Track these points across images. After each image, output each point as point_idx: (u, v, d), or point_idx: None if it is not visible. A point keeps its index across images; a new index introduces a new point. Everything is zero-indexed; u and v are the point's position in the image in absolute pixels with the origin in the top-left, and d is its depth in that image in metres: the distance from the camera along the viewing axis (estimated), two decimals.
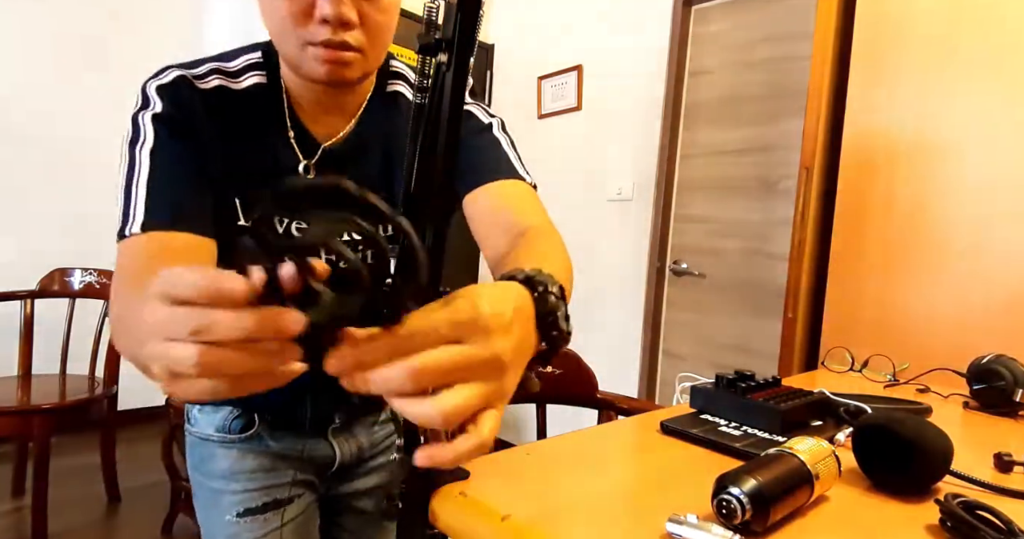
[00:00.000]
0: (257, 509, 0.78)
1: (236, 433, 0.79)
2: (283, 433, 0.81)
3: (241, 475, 0.78)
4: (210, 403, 0.78)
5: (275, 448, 0.80)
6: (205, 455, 0.80)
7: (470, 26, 0.44)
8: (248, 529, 0.78)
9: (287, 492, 0.81)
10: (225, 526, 0.78)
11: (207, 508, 0.80)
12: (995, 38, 1.21)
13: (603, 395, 1.27)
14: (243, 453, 0.79)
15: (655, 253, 2.40)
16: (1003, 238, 1.18)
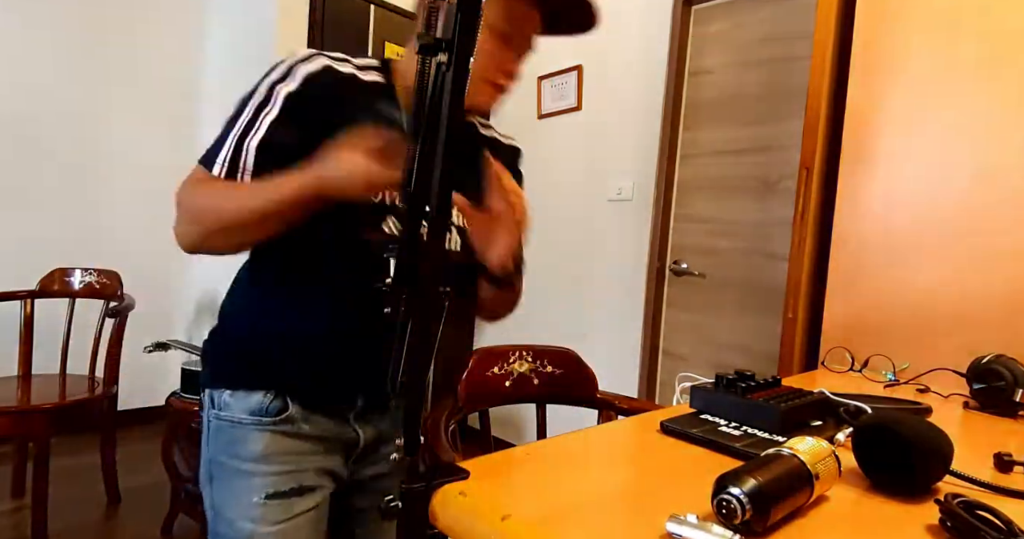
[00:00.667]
0: (284, 493, 0.82)
1: (272, 415, 0.81)
2: (315, 414, 0.84)
3: (275, 457, 0.81)
4: (243, 387, 0.82)
5: (307, 431, 0.83)
6: (236, 438, 0.82)
7: (470, 27, 0.44)
8: (272, 512, 0.80)
9: (312, 480, 0.84)
10: (250, 507, 0.80)
11: (231, 490, 0.82)
12: (995, 38, 1.21)
13: (603, 395, 1.27)
14: (276, 436, 0.82)
15: (655, 253, 2.40)
16: (1004, 238, 1.18)
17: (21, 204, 2.58)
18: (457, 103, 0.47)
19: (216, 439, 0.84)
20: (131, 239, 2.86)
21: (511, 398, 1.21)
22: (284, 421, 0.82)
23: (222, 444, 0.83)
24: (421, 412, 0.55)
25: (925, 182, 1.29)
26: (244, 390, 0.82)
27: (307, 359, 0.83)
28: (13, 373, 2.13)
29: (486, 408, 1.21)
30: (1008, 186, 1.18)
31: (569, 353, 1.29)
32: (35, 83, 2.58)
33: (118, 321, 2.12)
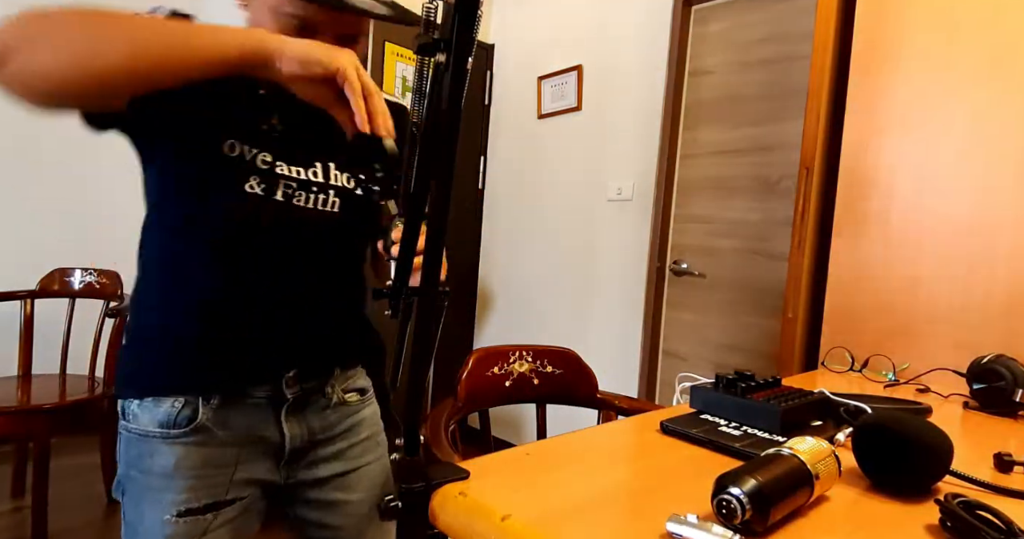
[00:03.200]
0: (197, 509, 0.76)
1: (182, 427, 0.75)
2: (232, 418, 0.77)
3: (185, 472, 0.75)
4: (150, 395, 0.75)
5: (222, 437, 0.77)
6: (144, 452, 0.76)
7: (468, 26, 0.44)
8: (185, 529, 0.75)
9: (231, 493, 0.78)
10: (162, 525, 0.74)
11: (143, 506, 0.76)
12: (995, 38, 1.21)
13: (603, 395, 1.27)
14: (187, 448, 0.75)
15: (655, 253, 2.40)
16: (1004, 238, 1.18)
17: (21, 204, 2.58)
18: (457, 104, 0.47)
19: (127, 452, 0.77)
20: (131, 239, 2.84)
21: (511, 398, 1.21)
22: (195, 431, 0.75)
23: (132, 457, 0.77)
24: (420, 412, 0.55)
25: (925, 181, 1.29)
26: (152, 398, 0.75)
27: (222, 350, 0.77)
28: (13, 373, 2.13)
29: (486, 408, 1.21)
30: (1009, 186, 1.18)
31: (569, 353, 1.29)
32: None
33: (118, 321, 2.12)
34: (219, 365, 0.77)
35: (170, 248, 0.78)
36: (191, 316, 0.76)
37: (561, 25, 2.79)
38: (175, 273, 0.77)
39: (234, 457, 0.78)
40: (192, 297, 0.76)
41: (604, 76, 2.59)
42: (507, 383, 1.21)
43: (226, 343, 0.77)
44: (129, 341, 0.81)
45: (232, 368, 0.77)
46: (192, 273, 0.76)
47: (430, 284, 0.53)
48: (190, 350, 0.76)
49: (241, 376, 0.78)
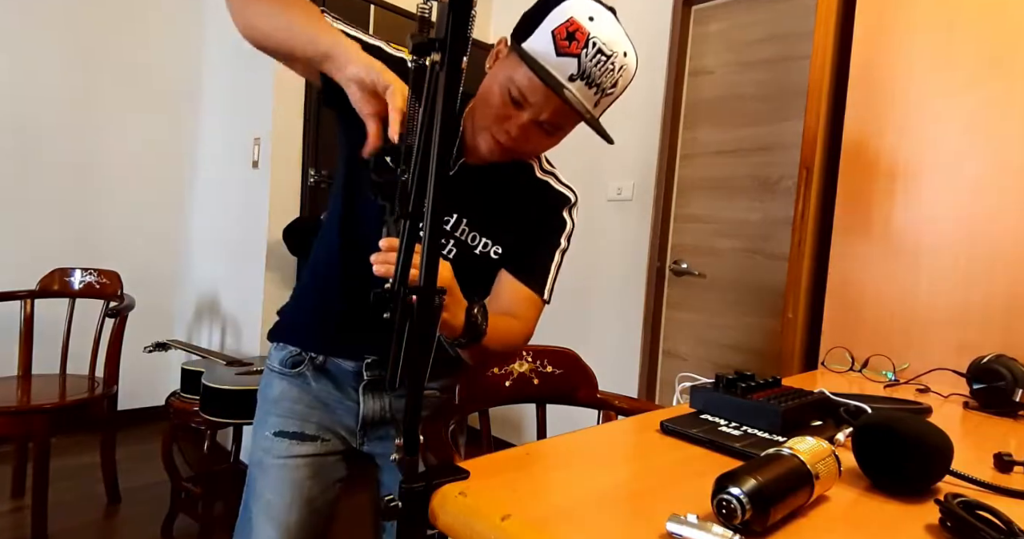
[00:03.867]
0: (287, 434, 0.96)
1: (289, 368, 0.98)
2: (325, 374, 0.97)
3: (283, 401, 0.97)
4: (281, 341, 1.00)
5: (314, 389, 0.97)
6: (267, 382, 1.00)
7: (462, 25, 0.44)
8: (277, 447, 0.95)
9: (312, 430, 0.97)
10: (264, 439, 0.97)
11: (258, 426, 0.99)
12: (995, 38, 1.21)
13: (603, 395, 1.27)
14: (290, 385, 0.98)
15: (655, 253, 2.40)
16: (1004, 238, 1.18)
17: (21, 204, 2.58)
18: (451, 103, 0.47)
19: (262, 380, 1.03)
20: (131, 239, 2.86)
21: (511, 398, 1.21)
22: (297, 375, 0.97)
23: (262, 385, 1.02)
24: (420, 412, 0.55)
25: (925, 181, 1.29)
26: (281, 344, 1.00)
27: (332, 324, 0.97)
28: (13, 373, 2.13)
29: (486, 408, 1.21)
30: (1009, 185, 1.18)
31: (569, 353, 1.29)
32: (35, 83, 2.58)
33: (118, 321, 2.12)
34: (323, 336, 0.97)
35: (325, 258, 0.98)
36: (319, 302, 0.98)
37: None
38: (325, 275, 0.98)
39: (319, 403, 0.98)
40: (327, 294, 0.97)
41: None
42: (507, 383, 1.21)
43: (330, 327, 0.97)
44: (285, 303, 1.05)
45: (330, 343, 0.97)
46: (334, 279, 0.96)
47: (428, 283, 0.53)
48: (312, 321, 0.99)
49: (334, 350, 0.96)
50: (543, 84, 0.79)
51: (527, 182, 1.01)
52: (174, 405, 2.02)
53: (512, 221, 0.96)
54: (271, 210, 2.45)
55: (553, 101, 0.82)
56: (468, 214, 0.93)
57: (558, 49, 0.79)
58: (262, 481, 0.95)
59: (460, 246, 0.94)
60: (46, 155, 2.63)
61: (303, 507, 0.94)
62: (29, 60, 2.56)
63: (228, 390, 1.85)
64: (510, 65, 0.83)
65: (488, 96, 0.85)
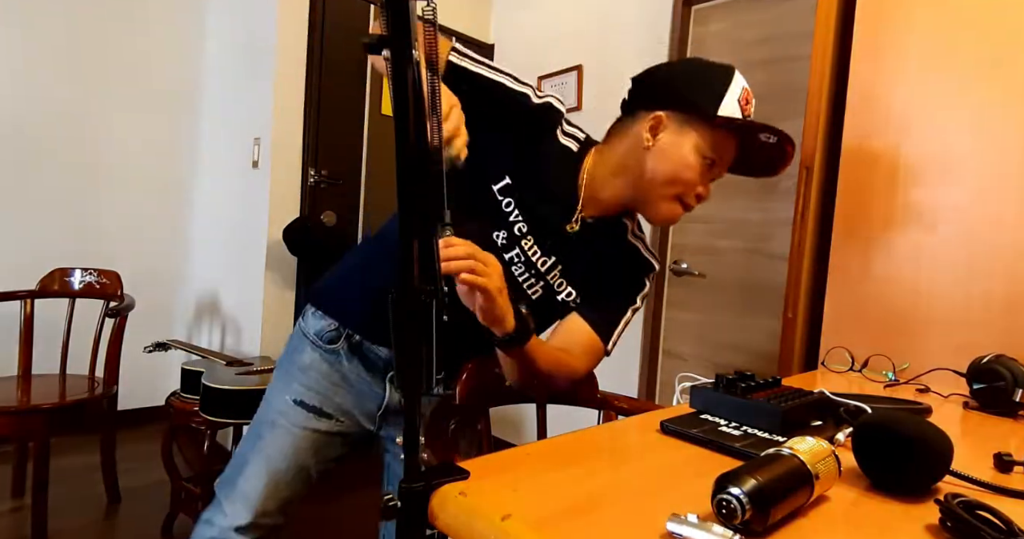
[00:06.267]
0: (307, 406, 0.98)
1: (325, 341, 1.00)
2: (358, 356, 1.00)
3: (312, 374, 0.99)
4: (322, 309, 1.01)
5: (344, 369, 1.00)
6: (299, 347, 1.02)
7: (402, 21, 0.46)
8: (294, 414, 0.98)
9: (332, 408, 0.99)
10: (282, 403, 0.99)
11: (279, 383, 1.01)
12: (995, 38, 1.21)
13: (603, 395, 1.27)
14: (322, 358, 1.00)
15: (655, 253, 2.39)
16: (1004, 238, 1.18)
17: (21, 204, 2.58)
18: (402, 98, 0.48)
19: (291, 341, 1.05)
20: (131, 239, 2.86)
21: (511, 398, 1.21)
22: (331, 351, 1.00)
23: (290, 347, 1.04)
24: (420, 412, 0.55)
25: (925, 181, 1.29)
26: (321, 312, 1.01)
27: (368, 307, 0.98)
28: (13, 373, 2.13)
29: (486, 408, 1.21)
30: (1010, 185, 1.18)
31: None
32: (35, 83, 2.58)
33: (118, 321, 2.12)
34: (364, 317, 0.99)
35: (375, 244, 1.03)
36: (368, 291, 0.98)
37: (561, 25, 2.79)
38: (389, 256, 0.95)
39: (345, 385, 1.00)
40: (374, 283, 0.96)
41: (604, 76, 2.59)
42: (507, 383, 1.21)
43: (374, 314, 0.95)
44: (334, 270, 1.06)
45: (372, 325, 0.98)
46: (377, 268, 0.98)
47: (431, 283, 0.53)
48: (357, 299, 1.00)
49: (373, 335, 0.99)
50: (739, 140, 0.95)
51: (620, 242, 1.06)
52: (174, 405, 2.02)
53: (597, 275, 1.01)
54: (271, 210, 2.45)
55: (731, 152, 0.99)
56: (564, 262, 0.98)
57: (743, 113, 0.99)
58: (268, 438, 0.98)
59: (546, 289, 0.98)
60: (46, 155, 2.63)
61: (298, 471, 0.99)
62: (29, 60, 2.56)
63: (228, 390, 1.85)
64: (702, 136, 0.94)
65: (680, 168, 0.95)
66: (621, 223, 1.06)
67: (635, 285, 1.06)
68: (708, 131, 0.94)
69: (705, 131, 0.94)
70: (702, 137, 0.94)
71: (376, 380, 1.01)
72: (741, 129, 0.94)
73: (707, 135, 0.94)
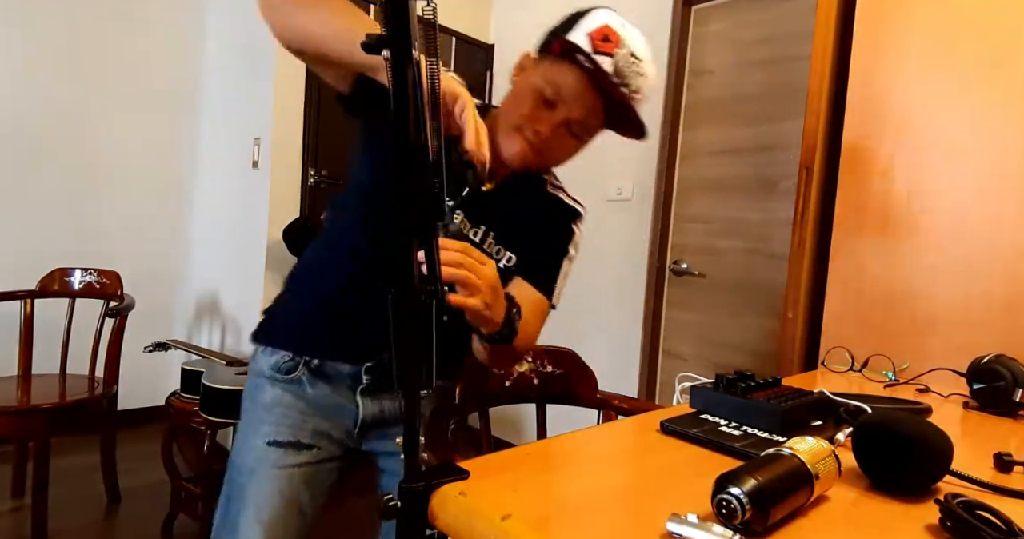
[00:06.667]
0: (281, 443, 0.94)
1: (283, 374, 0.95)
2: (321, 379, 0.96)
3: (279, 410, 0.95)
4: (271, 345, 0.97)
5: (310, 394, 0.96)
6: (258, 386, 0.98)
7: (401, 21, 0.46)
8: (272, 456, 0.93)
9: (308, 438, 0.95)
10: (256, 449, 0.94)
11: (248, 430, 0.97)
12: (995, 38, 1.21)
13: (603, 395, 1.27)
14: (284, 392, 0.96)
15: (655, 253, 2.40)
16: (1003, 238, 1.18)
17: (21, 204, 2.58)
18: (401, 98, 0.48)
19: (248, 384, 1.00)
20: (131, 239, 2.86)
21: (511, 398, 1.21)
22: (292, 381, 0.95)
23: (249, 389, 0.99)
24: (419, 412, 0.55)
25: (925, 181, 1.29)
26: (271, 348, 0.97)
27: (328, 328, 0.95)
28: (13, 373, 2.13)
29: (486, 408, 1.21)
30: (1009, 185, 1.18)
31: (569, 353, 1.29)
32: (35, 83, 2.58)
33: (118, 321, 2.12)
34: (320, 341, 0.95)
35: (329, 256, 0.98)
36: (319, 302, 0.96)
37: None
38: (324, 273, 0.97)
39: (315, 410, 0.96)
40: (326, 294, 0.95)
41: None
42: (507, 383, 1.21)
43: (330, 328, 0.95)
44: (273, 305, 1.02)
45: (328, 346, 0.95)
46: (328, 272, 0.96)
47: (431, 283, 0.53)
48: (307, 326, 0.97)
49: (332, 353, 0.95)
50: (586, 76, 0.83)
51: (540, 196, 1.03)
52: (174, 405, 2.02)
53: (528, 233, 0.98)
54: (271, 210, 2.45)
55: (585, 98, 0.86)
56: (494, 228, 0.96)
57: (595, 48, 0.83)
58: (253, 488, 0.93)
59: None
60: (46, 155, 2.63)
61: (293, 515, 0.94)
62: (29, 60, 2.56)
63: (228, 390, 1.85)
64: (543, 69, 0.87)
65: (519, 99, 0.88)
66: (537, 178, 1.03)
67: (565, 235, 1.04)
68: (550, 65, 0.87)
69: (549, 65, 0.87)
70: (545, 71, 0.87)
71: (345, 397, 0.97)
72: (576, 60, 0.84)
73: (549, 69, 0.87)
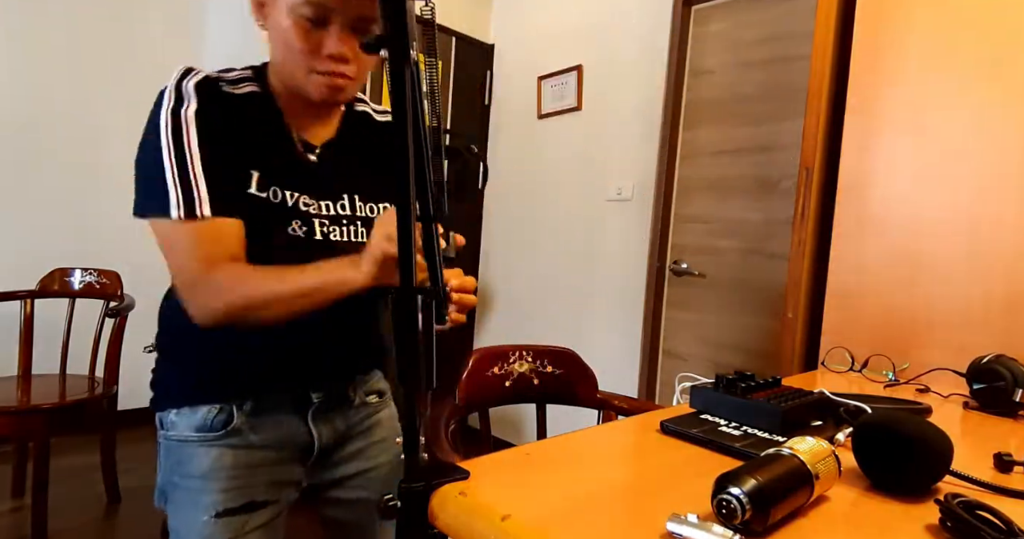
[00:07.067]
0: (235, 510, 0.80)
1: (218, 430, 0.80)
2: (264, 422, 0.83)
3: (221, 473, 0.80)
4: (187, 404, 0.81)
5: (256, 441, 0.82)
6: (184, 457, 0.81)
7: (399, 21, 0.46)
8: (224, 529, 0.79)
9: (265, 494, 0.83)
10: (201, 527, 0.79)
11: (183, 510, 0.81)
12: (995, 38, 1.21)
13: (603, 395, 1.27)
14: (223, 451, 0.80)
15: (655, 253, 2.40)
16: (1003, 238, 1.18)
17: (21, 204, 2.58)
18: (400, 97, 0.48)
19: (166, 460, 0.83)
20: (131, 239, 2.85)
21: (511, 398, 1.21)
22: (230, 434, 0.81)
23: (172, 464, 0.82)
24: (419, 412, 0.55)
25: (925, 181, 1.29)
26: (188, 407, 0.81)
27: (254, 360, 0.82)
28: (13, 373, 2.13)
29: (486, 408, 1.21)
30: (1008, 186, 1.18)
31: (569, 353, 1.29)
32: (35, 83, 2.58)
33: (118, 321, 2.12)
34: (250, 374, 0.82)
35: None
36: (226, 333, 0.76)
37: (561, 25, 2.79)
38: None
39: (267, 459, 0.83)
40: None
41: (604, 76, 2.59)
42: (507, 383, 1.21)
43: (256, 357, 0.82)
44: (162, 356, 0.86)
45: (261, 377, 0.83)
46: None
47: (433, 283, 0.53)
48: (223, 362, 0.82)
49: (269, 384, 0.83)
50: None
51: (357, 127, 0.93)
52: None
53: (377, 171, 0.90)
54: None
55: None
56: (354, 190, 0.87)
57: None
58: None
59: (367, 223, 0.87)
60: (46, 155, 2.62)
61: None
62: (29, 60, 2.56)
63: None
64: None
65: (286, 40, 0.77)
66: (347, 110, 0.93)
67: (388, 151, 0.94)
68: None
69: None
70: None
71: (297, 429, 0.86)
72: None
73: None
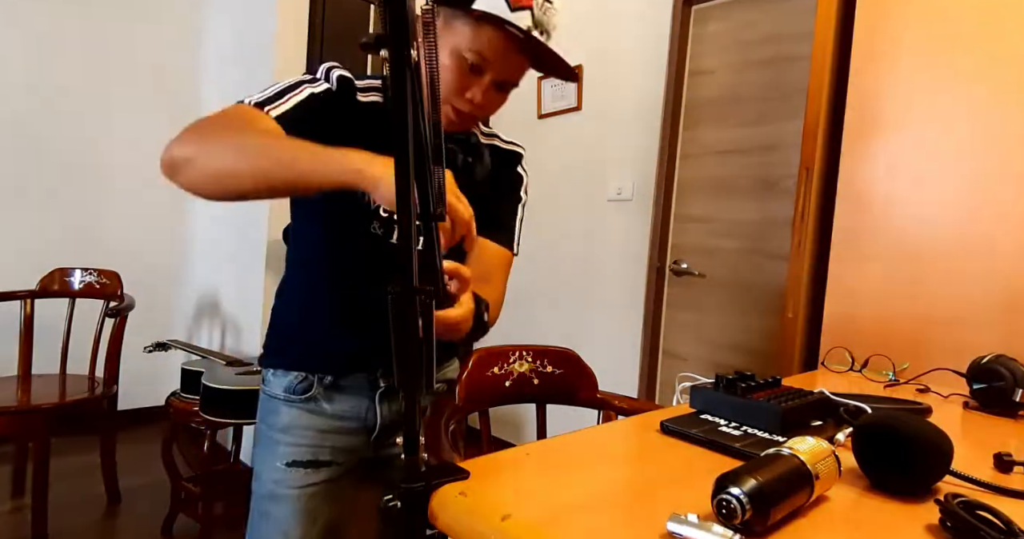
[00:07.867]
0: (302, 463, 0.94)
1: (298, 395, 0.95)
2: (337, 396, 0.96)
3: (295, 430, 0.94)
4: (281, 368, 0.96)
5: (328, 410, 0.95)
6: (271, 409, 0.97)
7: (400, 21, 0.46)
8: (291, 478, 0.93)
9: (328, 455, 0.95)
10: (274, 471, 0.94)
11: (264, 453, 0.96)
12: (995, 38, 1.21)
13: (603, 395, 1.27)
14: (300, 412, 0.95)
15: (655, 253, 2.40)
16: (1003, 238, 1.18)
17: (21, 204, 2.58)
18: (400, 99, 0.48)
19: (261, 408, 0.99)
20: (131, 239, 2.86)
21: (511, 398, 1.21)
22: (308, 400, 0.95)
23: (263, 413, 0.98)
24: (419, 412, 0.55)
25: (925, 181, 1.29)
26: (282, 370, 0.96)
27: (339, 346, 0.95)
28: (13, 373, 2.13)
29: (486, 408, 1.21)
30: (1008, 185, 1.18)
31: (569, 353, 1.29)
32: (35, 83, 2.58)
33: (118, 321, 2.12)
34: (331, 355, 0.95)
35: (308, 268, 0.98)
36: (319, 319, 0.95)
37: (561, 25, 2.78)
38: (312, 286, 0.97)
39: (334, 427, 0.96)
40: (322, 306, 0.96)
41: (604, 76, 2.59)
42: (507, 383, 1.21)
43: (337, 341, 0.95)
44: (273, 325, 1.02)
45: (340, 359, 0.96)
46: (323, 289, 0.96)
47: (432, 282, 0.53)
48: (314, 342, 0.96)
49: (346, 365, 0.96)
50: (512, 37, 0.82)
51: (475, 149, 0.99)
52: (174, 405, 2.02)
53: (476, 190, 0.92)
54: (271, 210, 2.45)
55: (512, 58, 0.86)
56: None
57: (511, 5, 0.82)
58: (277, 513, 0.93)
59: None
60: (46, 155, 2.63)
61: (324, 530, 0.95)
62: (30, 60, 2.56)
63: (228, 390, 1.85)
64: (458, 33, 0.83)
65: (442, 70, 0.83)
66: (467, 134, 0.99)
67: (513, 181, 1.03)
68: (469, 27, 0.82)
69: (466, 27, 0.82)
70: (463, 34, 0.83)
71: (364, 407, 0.97)
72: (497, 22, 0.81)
73: (468, 32, 0.82)
